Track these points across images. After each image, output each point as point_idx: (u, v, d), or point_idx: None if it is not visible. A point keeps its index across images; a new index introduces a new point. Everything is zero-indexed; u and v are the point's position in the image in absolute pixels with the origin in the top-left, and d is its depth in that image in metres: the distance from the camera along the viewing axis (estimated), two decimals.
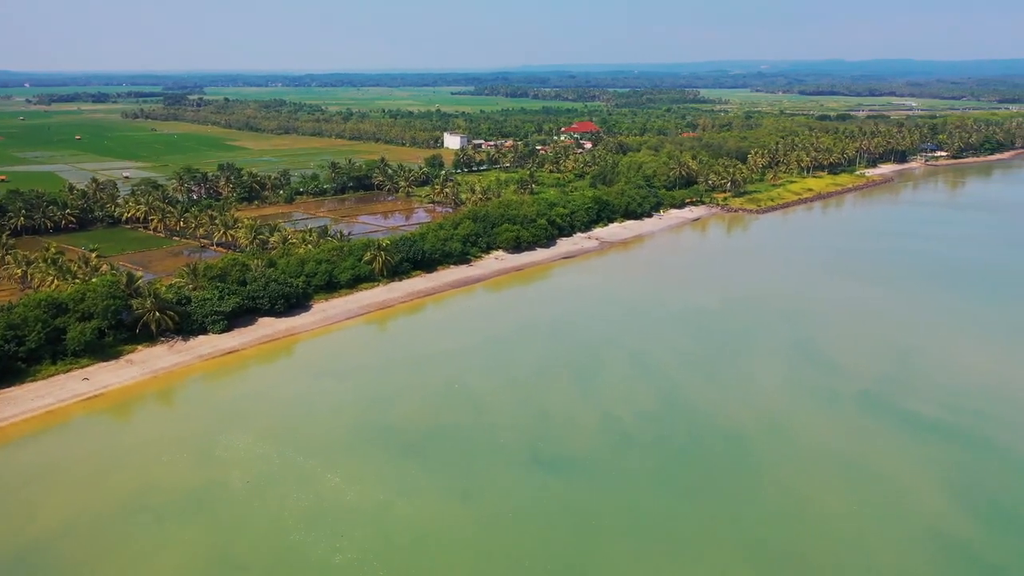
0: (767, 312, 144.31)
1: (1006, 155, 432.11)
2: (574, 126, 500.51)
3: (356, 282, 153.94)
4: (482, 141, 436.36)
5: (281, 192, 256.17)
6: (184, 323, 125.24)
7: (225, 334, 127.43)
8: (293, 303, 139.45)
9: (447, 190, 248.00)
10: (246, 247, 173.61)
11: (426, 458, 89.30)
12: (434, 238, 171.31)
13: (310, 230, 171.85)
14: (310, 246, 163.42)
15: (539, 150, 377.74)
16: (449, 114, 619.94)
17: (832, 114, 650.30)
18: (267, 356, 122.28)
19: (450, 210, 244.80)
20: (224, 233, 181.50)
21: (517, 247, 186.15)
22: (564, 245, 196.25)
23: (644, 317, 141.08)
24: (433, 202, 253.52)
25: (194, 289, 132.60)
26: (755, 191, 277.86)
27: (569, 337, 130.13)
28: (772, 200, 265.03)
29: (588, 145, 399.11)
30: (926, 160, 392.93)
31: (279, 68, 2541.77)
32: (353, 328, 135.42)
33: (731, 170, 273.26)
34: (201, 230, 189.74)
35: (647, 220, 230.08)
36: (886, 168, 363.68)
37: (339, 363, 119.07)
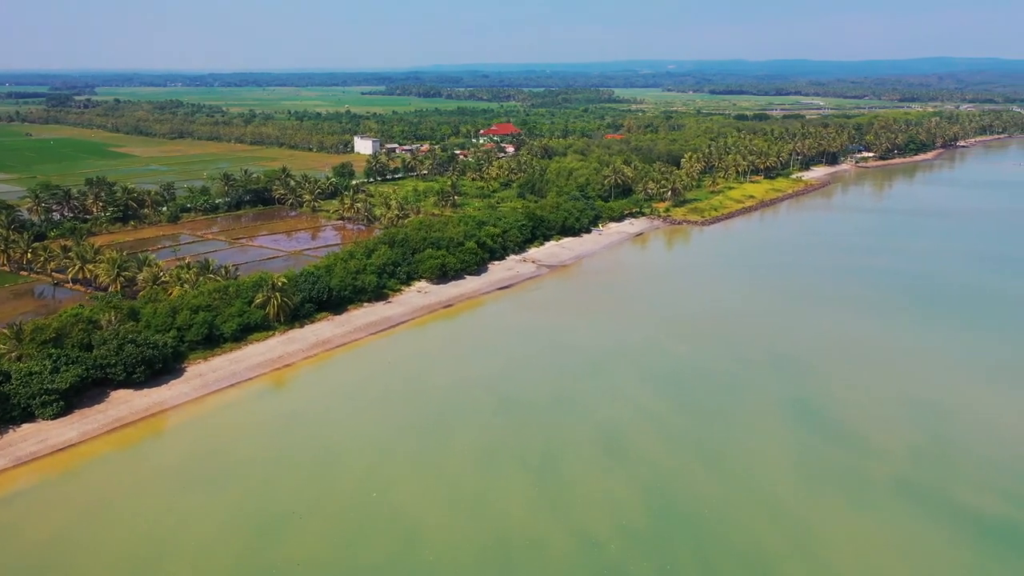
0: (749, 355, 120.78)
1: (929, 155, 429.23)
2: (493, 128, 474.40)
3: (245, 333, 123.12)
4: (396, 145, 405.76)
5: (164, 210, 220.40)
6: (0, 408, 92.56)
7: (61, 420, 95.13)
8: (159, 368, 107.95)
9: (358, 205, 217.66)
10: (108, 285, 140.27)
11: None
12: (343, 271, 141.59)
13: (187, 264, 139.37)
14: (187, 286, 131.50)
15: (459, 155, 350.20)
16: (360, 115, 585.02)
17: (748, 113, 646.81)
18: (116, 453, 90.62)
19: (363, 227, 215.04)
20: (81, 268, 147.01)
21: (443, 276, 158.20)
22: (497, 271, 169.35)
23: (604, 370, 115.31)
24: (343, 218, 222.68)
25: (19, 358, 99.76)
26: (695, 199, 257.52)
27: (516, 406, 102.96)
28: (715, 209, 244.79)
29: (510, 149, 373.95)
30: (856, 162, 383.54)
31: (180, 67, 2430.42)
32: (239, 399, 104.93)
33: (671, 178, 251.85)
34: (52, 264, 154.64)
35: (586, 236, 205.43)
36: (819, 171, 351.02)
37: (216, 459, 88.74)
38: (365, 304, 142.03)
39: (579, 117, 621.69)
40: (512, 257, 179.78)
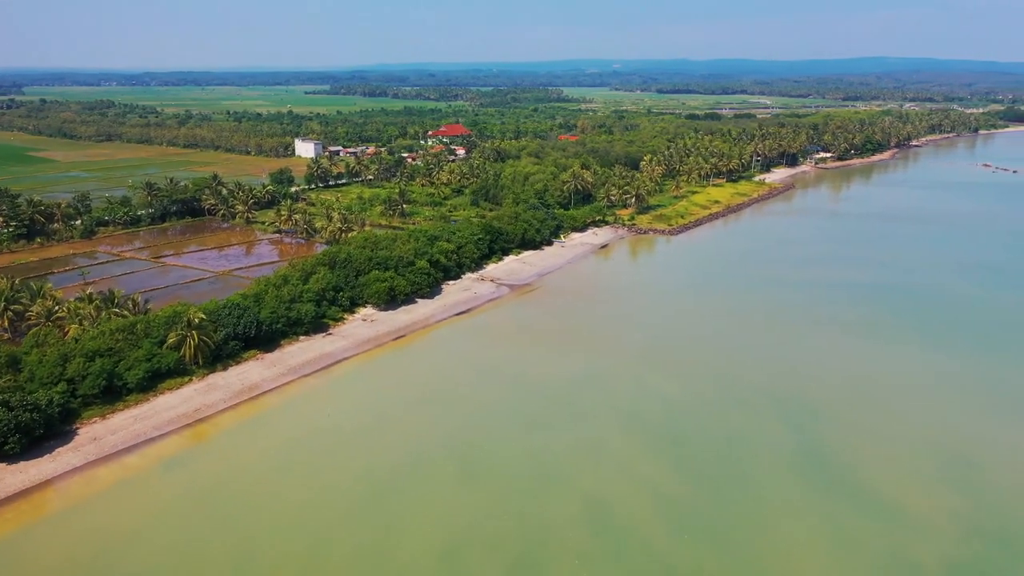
0: (745, 394, 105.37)
1: (885, 155, 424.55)
2: (443, 129, 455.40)
3: (155, 381, 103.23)
4: (340, 148, 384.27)
5: (77, 224, 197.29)
6: None
7: None
8: (41, 434, 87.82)
9: (296, 216, 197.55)
10: None
11: None
12: (275, 300, 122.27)
13: (88, 295, 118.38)
14: (86, 323, 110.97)
15: (407, 158, 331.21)
16: (302, 116, 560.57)
17: (699, 113, 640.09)
18: None
19: (302, 241, 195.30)
20: None
21: (392, 301, 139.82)
22: (453, 293, 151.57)
23: (584, 419, 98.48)
24: (280, 231, 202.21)
25: None
26: (659, 205, 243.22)
27: (483, 475, 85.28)
28: (682, 217, 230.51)
29: (461, 151, 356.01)
30: (815, 163, 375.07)
31: (115, 66, 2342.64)
32: (141, 471, 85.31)
33: (633, 183, 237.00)
34: None
35: (548, 250, 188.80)
36: (780, 173, 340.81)
37: (102, 569, 69.47)
38: (302, 338, 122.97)
39: (529, 117, 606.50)
40: (469, 276, 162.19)
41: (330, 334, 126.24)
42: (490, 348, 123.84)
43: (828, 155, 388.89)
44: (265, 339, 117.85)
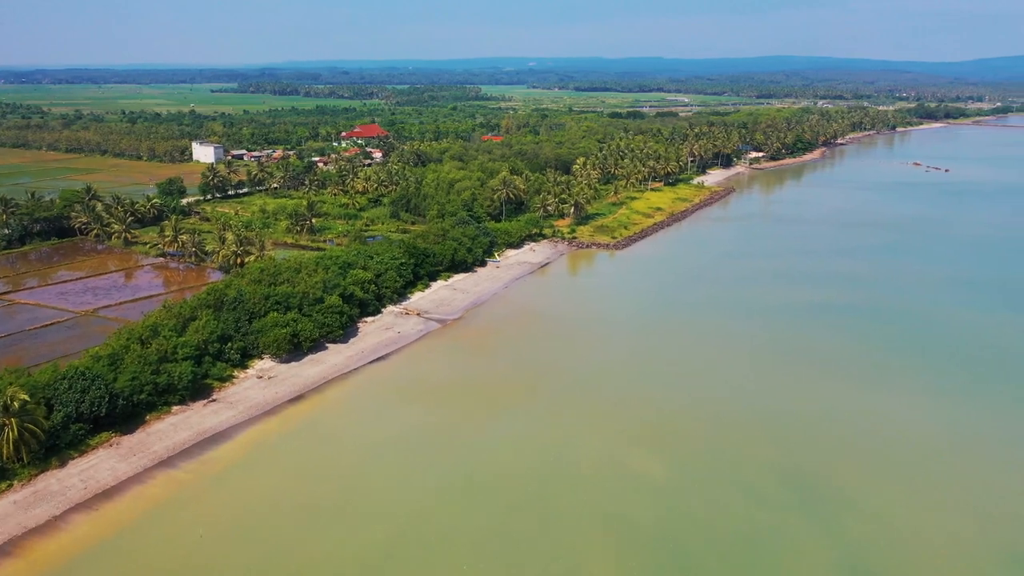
0: (749, 475, 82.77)
1: (815, 154, 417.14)
2: (357, 130, 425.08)
3: None
4: (244, 151, 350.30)
5: None
6: None
7: None
8: None
9: (183, 237, 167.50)
10: None
11: None
12: (138, 362, 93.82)
13: None
14: None
15: (318, 163, 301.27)
16: (205, 116, 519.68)
17: (621, 111, 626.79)
18: None
19: (192, 266, 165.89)
20: None
21: (295, 348, 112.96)
22: (371, 333, 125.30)
23: (550, 530, 74.13)
24: (164, 254, 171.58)
25: None
26: (598, 214, 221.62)
27: None
28: (625, 227, 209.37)
29: (378, 154, 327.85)
30: (749, 163, 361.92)
31: (1, 63, 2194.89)
32: None
33: (571, 191, 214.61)
34: None
35: (481, 272, 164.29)
36: (717, 174, 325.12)
37: None
38: (175, 409, 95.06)
39: (449, 116, 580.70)
40: (390, 309, 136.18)
41: (213, 400, 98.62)
42: (416, 413, 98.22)
43: (760, 155, 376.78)
44: (124, 416, 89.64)
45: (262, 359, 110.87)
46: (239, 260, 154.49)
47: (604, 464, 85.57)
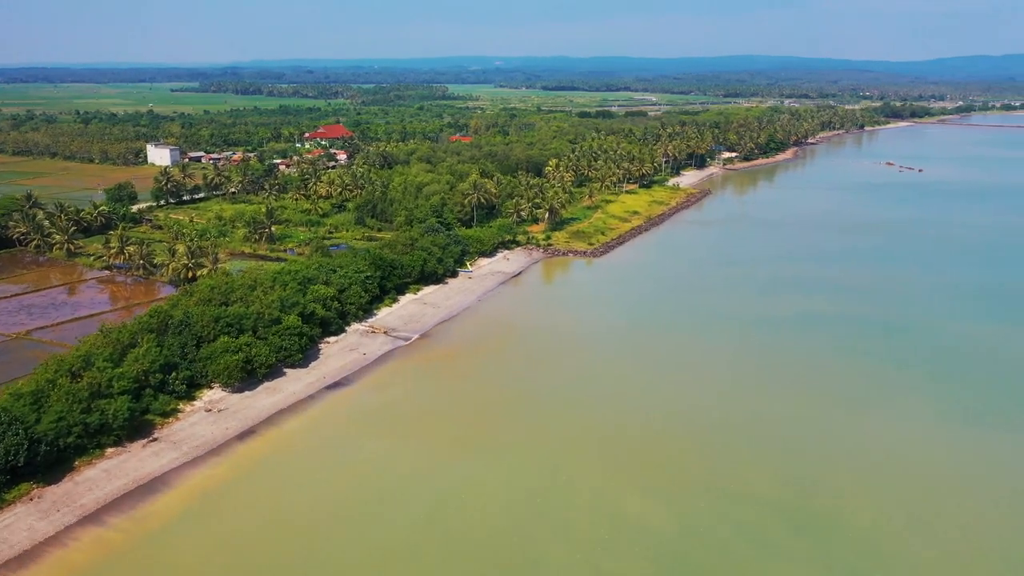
0: (758, 520, 74.08)
1: (788, 154, 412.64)
2: (321, 130, 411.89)
3: None
4: (202, 154, 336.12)
5: None
6: None
7: None
8: None
9: (130, 248, 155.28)
10: None
11: None
12: (66, 399, 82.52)
13: None
14: None
15: (279, 166, 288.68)
16: (163, 116, 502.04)
17: (590, 111, 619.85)
18: None
19: (141, 279, 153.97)
20: None
21: (249, 375, 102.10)
22: (333, 355, 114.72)
23: None
24: (110, 267, 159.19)
25: None
26: (573, 219, 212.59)
27: None
28: (602, 233, 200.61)
29: (342, 156, 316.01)
30: (723, 164, 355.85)
31: None
32: None
33: (545, 195, 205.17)
34: None
35: (452, 283, 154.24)
36: (691, 176, 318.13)
37: None
38: (109, 452, 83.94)
39: (416, 116, 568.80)
40: (355, 327, 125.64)
41: (154, 440, 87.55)
42: (383, 450, 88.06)
43: (734, 155, 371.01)
44: (47, 463, 78.38)
45: (211, 388, 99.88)
46: (190, 274, 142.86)
47: (599, 509, 75.97)
